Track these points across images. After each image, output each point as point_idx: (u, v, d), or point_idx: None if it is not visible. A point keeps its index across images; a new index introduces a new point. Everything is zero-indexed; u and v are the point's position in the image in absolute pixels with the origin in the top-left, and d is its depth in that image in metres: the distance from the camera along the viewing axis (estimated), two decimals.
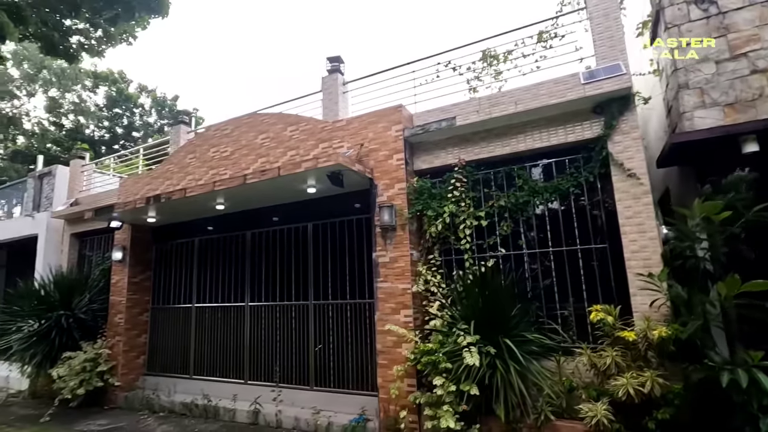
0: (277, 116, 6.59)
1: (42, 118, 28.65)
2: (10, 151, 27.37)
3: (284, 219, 6.79)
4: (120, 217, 7.29)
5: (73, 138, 29.96)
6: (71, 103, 28.56)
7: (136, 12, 7.41)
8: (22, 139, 28.48)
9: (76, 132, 30.10)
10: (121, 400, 7.31)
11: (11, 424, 6.63)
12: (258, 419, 5.85)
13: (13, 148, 27.74)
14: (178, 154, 7.61)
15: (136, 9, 7.36)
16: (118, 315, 7.71)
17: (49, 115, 28.95)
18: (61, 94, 27.42)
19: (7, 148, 27.46)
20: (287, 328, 6.40)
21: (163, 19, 7.84)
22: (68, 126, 29.71)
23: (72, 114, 29.32)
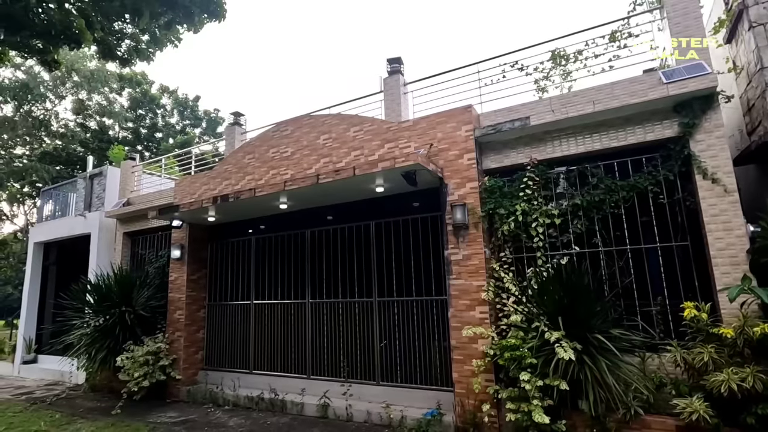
0: (339, 117, 6.73)
1: (69, 120, 29.39)
2: (39, 152, 28.05)
3: (343, 217, 6.92)
4: (182, 216, 7.51)
5: (100, 139, 30.68)
6: (97, 104, 29.16)
7: (195, 17, 7.62)
8: (49, 140, 29.19)
9: (102, 133, 30.80)
10: (183, 394, 7.53)
11: (84, 416, 6.88)
12: (327, 413, 6.00)
13: (41, 149, 28.45)
14: (236, 155, 7.80)
15: (196, 14, 7.57)
16: (177, 311, 7.93)
17: (76, 117, 29.66)
18: (89, 96, 27.98)
19: (34, 150, 28.14)
20: (351, 324, 6.53)
21: (220, 23, 8.04)
22: (93, 127, 30.41)
23: (97, 115, 29.97)
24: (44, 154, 28.02)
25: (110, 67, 28.36)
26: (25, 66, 23.67)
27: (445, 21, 66.79)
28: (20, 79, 23.00)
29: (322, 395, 6.10)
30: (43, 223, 11.89)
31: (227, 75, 62.64)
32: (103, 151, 31.00)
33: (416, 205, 6.42)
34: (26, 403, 7.92)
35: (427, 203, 6.14)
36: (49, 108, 25.93)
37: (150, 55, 9.81)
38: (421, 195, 6.17)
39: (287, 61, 65.60)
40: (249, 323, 7.62)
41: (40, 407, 7.57)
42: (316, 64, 66.25)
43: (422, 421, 5.27)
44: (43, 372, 10.51)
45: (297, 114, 7.32)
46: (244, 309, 7.75)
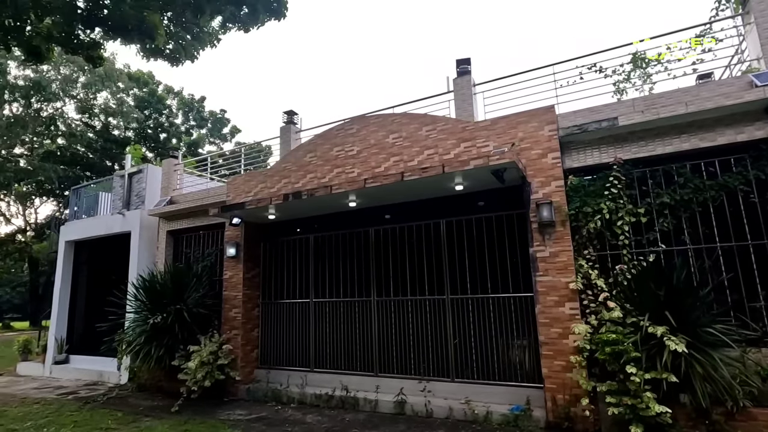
0: (409, 116, 6.80)
1: (74, 119, 29.05)
2: (42, 152, 27.66)
3: (408, 215, 6.97)
4: (243, 214, 7.50)
5: (105, 139, 30.39)
6: (103, 104, 28.86)
7: (260, 14, 7.65)
8: (51, 141, 28.82)
9: (108, 133, 30.52)
10: (241, 393, 7.49)
11: (147, 414, 6.82)
12: (404, 409, 6.02)
13: (45, 149, 28.07)
14: (295, 153, 7.82)
15: (260, 11, 7.59)
16: (233, 309, 7.90)
17: (81, 117, 29.33)
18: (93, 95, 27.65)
19: (35, 150, 27.69)
20: (421, 322, 6.57)
21: (279, 22, 8.07)
22: (98, 127, 30.11)
23: (103, 115, 29.68)
24: (48, 153, 27.68)
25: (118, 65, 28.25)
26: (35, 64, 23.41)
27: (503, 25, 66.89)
28: (31, 77, 22.70)
29: (398, 392, 6.12)
30: (75, 221, 11.75)
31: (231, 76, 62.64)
32: (106, 151, 30.77)
33: (481, 204, 6.52)
34: (78, 402, 7.81)
35: (495, 201, 6.24)
36: (59, 107, 25.59)
37: (195, 54, 9.82)
38: (487, 194, 6.28)
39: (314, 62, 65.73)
40: (309, 321, 7.61)
41: (94, 406, 7.47)
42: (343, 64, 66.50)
43: (509, 416, 5.32)
44: (78, 372, 10.35)
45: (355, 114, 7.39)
46: (302, 307, 7.75)
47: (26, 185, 26.53)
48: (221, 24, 8.59)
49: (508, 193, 6.10)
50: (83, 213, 12.13)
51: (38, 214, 33.50)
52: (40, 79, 22.56)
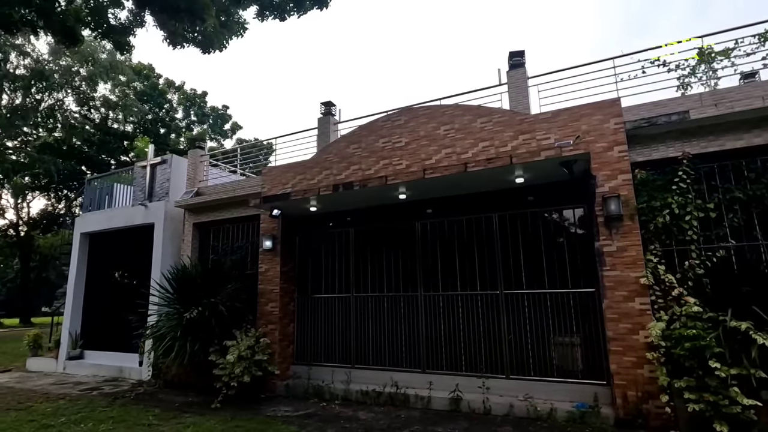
0: (462, 108, 6.68)
1: (73, 111, 28.40)
2: (39, 144, 26.97)
3: (457, 209, 6.84)
4: (283, 206, 7.30)
5: (105, 132, 29.78)
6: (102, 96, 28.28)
7: (306, 1, 7.46)
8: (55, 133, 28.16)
9: (106, 126, 29.93)
10: (280, 389, 7.28)
11: (185, 411, 6.58)
12: (460, 406, 5.88)
13: (43, 141, 27.39)
14: (337, 145, 7.65)
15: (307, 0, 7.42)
16: (270, 304, 7.69)
17: (80, 109, 28.70)
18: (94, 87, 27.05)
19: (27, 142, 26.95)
20: (472, 317, 6.44)
21: (321, 11, 7.89)
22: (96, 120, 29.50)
23: (103, 108, 29.09)
24: (44, 146, 27.00)
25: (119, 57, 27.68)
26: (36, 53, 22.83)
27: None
28: (33, 67, 22.12)
29: (454, 388, 5.98)
30: (91, 213, 11.40)
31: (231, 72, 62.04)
32: (105, 145, 30.15)
33: (530, 199, 6.44)
34: (105, 398, 7.53)
35: (546, 195, 6.17)
36: (61, 98, 25.00)
37: (224, 42, 9.63)
38: (539, 188, 6.20)
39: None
40: (349, 317, 7.43)
41: (125, 402, 7.21)
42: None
43: (575, 413, 5.21)
44: (94, 368, 10.01)
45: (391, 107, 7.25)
46: (342, 302, 7.57)
47: (23, 178, 25.84)
48: (258, 12, 8.39)
49: (561, 188, 6.03)
50: (96, 205, 11.77)
51: (31, 208, 32.75)
52: (42, 68, 21.99)
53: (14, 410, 6.94)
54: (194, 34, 9.07)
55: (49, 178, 26.56)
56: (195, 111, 34.57)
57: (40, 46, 27.51)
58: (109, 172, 12.69)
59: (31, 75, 21.98)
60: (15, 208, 30.78)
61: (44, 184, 29.13)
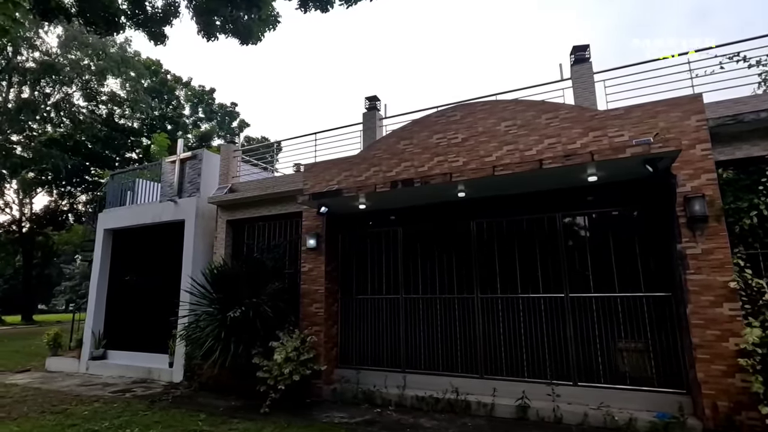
0: (524, 103, 6.43)
1: (81, 106, 27.99)
2: (45, 139, 26.55)
3: (517, 208, 6.59)
4: (332, 203, 7.03)
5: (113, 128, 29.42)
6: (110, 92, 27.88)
7: None
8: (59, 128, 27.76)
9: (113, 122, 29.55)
10: (326, 393, 7.00)
11: (233, 415, 6.29)
12: (527, 414, 5.62)
13: (48, 136, 26.97)
14: (387, 140, 7.38)
15: None
16: (314, 304, 7.41)
17: (87, 104, 28.30)
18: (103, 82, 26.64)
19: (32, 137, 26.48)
20: (534, 321, 6.19)
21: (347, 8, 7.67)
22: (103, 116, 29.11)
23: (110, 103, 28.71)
24: (50, 141, 26.58)
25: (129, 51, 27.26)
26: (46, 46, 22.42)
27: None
28: (43, 60, 21.73)
29: (520, 395, 5.72)
30: (115, 209, 11.08)
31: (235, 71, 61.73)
32: (111, 141, 29.74)
33: (590, 199, 6.21)
34: (142, 401, 7.23)
35: (610, 195, 5.94)
36: (70, 92, 24.60)
37: (260, 35, 9.38)
38: (602, 188, 5.96)
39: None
40: (398, 319, 7.16)
41: (165, 406, 6.91)
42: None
43: (657, 423, 4.96)
44: (120, 369, 9.69)
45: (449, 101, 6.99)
46: (390, 303, 7.29)
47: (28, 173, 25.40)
48: (301, 2, 8.13)
49: (624, 187, 5.79)
50: (119, 201, 11.45)
51: (34, 204, 32.24)
52: (53, 62, 21.61)
53: (50, 413, 6.64)
54: (230, 25, 8.82)
55: (56, 174, 26.14)
56: (203, 108, 34.23)
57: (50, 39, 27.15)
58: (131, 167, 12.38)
59: (42, 68, 21.58)
60: (19, 204, 30.31)
61: (49, 179, 28.74)
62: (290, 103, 67.41)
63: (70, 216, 32.15)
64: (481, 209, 6.81)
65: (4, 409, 6.95)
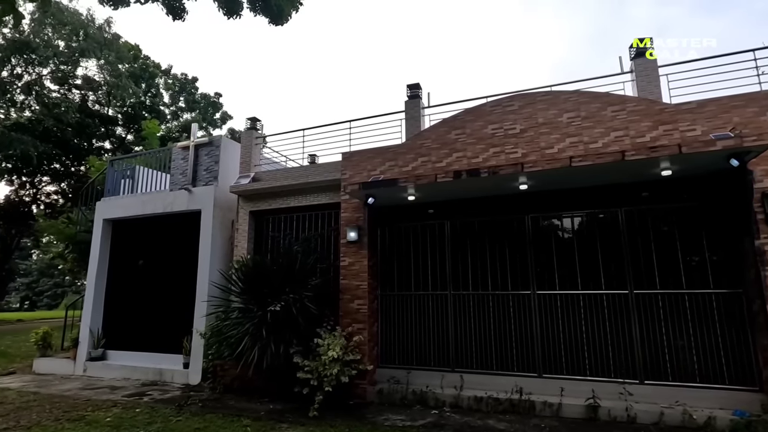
0: (588, 95, 6.26)
1: (52, 89, 26.16)
2: (10, 123, 24.63)
3: (573, 203, 6.43)
4: (377, 194, 6.65)
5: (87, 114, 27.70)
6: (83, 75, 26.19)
7: None
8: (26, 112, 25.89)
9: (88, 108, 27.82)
10: (371, 395, 6.63)
11: (278, 419, 5.82)
12: (598, 414, 5.44)
13: (14, 120, 25.06)
14: (436, 130, 7.06)
15: None
16: (356, 301, 7.00)
17: (59, 87, 26.48)
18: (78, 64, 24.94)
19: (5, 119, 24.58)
20: (596, 318, 6.03)
21: None
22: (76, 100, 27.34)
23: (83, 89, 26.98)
24: (16, 125, 24.69)
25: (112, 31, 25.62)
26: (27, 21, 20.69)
27: None
28: (17, 38, 20.05)
29: (590, 395, 5.53)
30: (116, 198, 10.23)
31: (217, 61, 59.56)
32: (84, 128, 27.94)
33: (645, 195, 6.15)
34: (166, 406, 6.64)
35: (666, 190, 5.89)
36: (44, 73, 22.88)
37: (289, 15, 8.88)
38: (660, 183, 5.90)
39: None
40: (446, 316, 6.86)
41: (196, 411, 6.35)
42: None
43: (738, 422, 4.88)
44: (125, 370, 8.93)
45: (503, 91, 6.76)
46: (437, 300, 6.98)
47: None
48: None
49: (691, 183, 5.74)
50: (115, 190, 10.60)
51: None
52: (28, 40, 20.00)
53: (66, 421, 5.94)
54: (261, 2, 8.27)
55: (24, 162, 24.29)
56: (185, 97, 32.72)
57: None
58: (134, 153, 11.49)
59: (15, 46, 19.93)
60: None
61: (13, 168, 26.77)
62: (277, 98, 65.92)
63: (33, 208, 30.03)
64: (536, 203, 6.60)
65: (10, 417, 6.18)
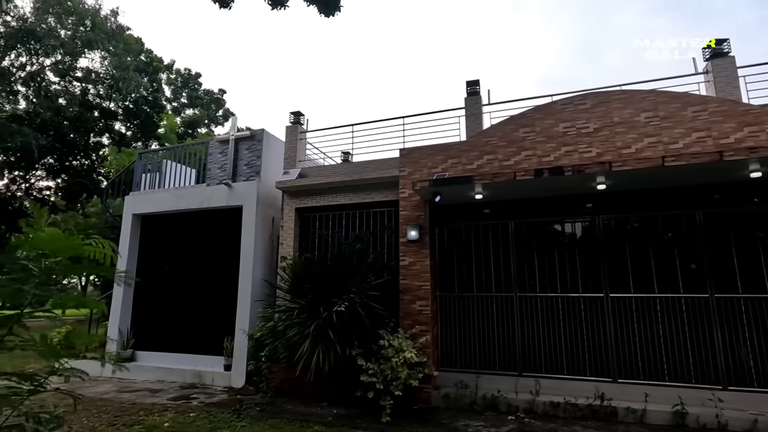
0: (667, 94, 6.15)
1: (53, 81, 25.41)
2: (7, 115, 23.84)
3: (648, 205, 6.32)
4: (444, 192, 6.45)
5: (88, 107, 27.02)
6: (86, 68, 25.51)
7: None
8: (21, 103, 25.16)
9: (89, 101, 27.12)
10: (436, 399, 6.40)
11: (350, 425, 5.57)
12: (686, 421, 5.31)
13: (11, 112, 24.29)
14: (503, 127, 6.89)
15: None
16: (418, 302, 6.78)
17: (60, 80, 25.73)
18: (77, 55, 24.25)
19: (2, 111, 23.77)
20: (674, 322, 5.91)
21: None
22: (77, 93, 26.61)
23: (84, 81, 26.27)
24: (13, 117, 23.91)
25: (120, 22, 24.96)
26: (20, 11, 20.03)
27: None
28: (22, 27, 19.40)
29: (678, 401, 5.40)
30: (146, 192, 9.85)
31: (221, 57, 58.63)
32: (84, 122, 27.18)
33: (716, 198, 6.08)
34: (224, 410, 6.32)
35: (734, 192, 5.83)
36: (48, 64, 22.17)
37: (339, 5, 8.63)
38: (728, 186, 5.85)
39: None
40: (512, 319, 6.67)
41: (258, 416, 6.06)
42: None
43: None
44: (157, 372, 8.54)
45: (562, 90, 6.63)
46: (501, 302, 6.79)
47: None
48: None
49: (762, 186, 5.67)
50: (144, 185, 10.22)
51: None
52: (33, 28, 19.35)
53: (124, 426, 5.61)
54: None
55: (24, 155, 23.48)
56: (188, 93, 32.06)
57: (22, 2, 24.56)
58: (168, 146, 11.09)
59: (20, 34, 19.26)
60: None
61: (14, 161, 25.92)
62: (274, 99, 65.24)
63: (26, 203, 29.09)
64: (607, 204, 6.47)
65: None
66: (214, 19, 57.99)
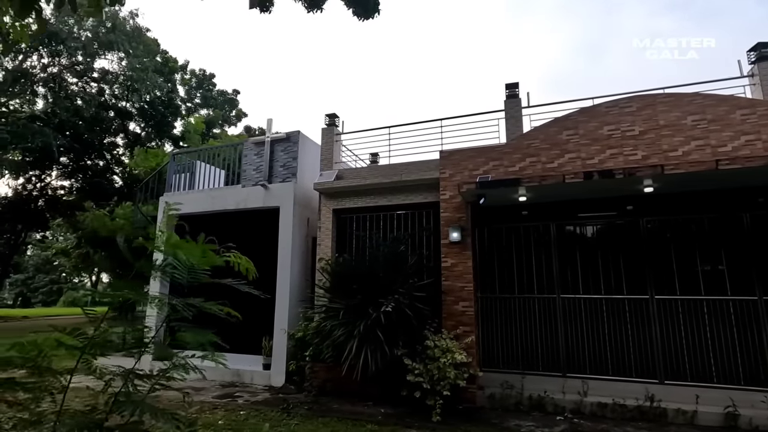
0: (715, 97, 6.18)
1: (71, 82, 25.69)
2: (26, 115, 24.14)
3: (692, 207, 6.35)
4: (487, 194, 6.51)
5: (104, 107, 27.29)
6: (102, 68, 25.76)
7: None
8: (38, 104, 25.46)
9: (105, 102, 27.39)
10: (480, 399, 6.47)
11: (406, 424, 5.65)
12: (738, 423, 5.34)
13: (29, 113, 24.59)
14: (546, 130, 6.93)
15: None
16: (461, 303, 6.85)
17: (78, 80, 26.01)
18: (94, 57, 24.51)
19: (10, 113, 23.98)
20: (723, 325, 5.94)
21: None
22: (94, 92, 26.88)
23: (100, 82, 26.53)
24: (32, 117, 24.21)
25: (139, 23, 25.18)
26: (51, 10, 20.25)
27: None
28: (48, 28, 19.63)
29: (729, 403, 5.43)
30: (182, 193, 9.98)
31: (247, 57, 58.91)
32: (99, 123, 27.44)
33: (761, 201, 6.09)
34: (272, 409, 6.41)
35: None
36: (69, 65, 22.43)
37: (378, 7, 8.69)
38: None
39: None
40: (555, 320, 6.73)
41: (308, 415, 6.16)
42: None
43: None
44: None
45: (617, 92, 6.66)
46: (543, 303, 6.85)
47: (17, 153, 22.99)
48: None
49: None
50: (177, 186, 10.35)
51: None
52: (57, 30, 19.60)
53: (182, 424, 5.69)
54: None
55: (44, 155, 23.77)
56: (202, 93, 32.30)
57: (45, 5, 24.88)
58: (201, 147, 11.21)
59: (44, 36, 19.49)
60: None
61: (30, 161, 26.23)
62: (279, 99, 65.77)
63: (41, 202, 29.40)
64: (648, 206, 6.51)
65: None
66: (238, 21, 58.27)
